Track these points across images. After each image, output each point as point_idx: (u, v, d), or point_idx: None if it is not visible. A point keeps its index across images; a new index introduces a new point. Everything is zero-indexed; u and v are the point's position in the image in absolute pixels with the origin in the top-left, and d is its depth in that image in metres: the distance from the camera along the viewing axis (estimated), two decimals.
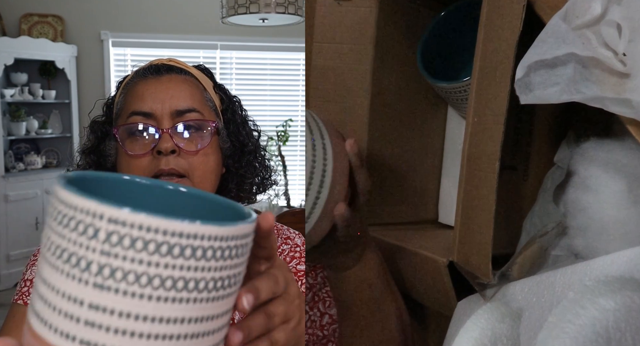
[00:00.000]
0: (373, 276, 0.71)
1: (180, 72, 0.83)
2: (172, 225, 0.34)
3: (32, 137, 4.06)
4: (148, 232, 0.34)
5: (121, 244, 0.34)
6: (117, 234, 0.34)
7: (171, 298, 0.35)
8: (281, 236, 0.85)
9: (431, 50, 0.84)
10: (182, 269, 0.35)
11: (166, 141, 0.75)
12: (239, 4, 2.59)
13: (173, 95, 0.78)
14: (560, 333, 0.51)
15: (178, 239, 0.34)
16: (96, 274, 0.34)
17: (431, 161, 0.91)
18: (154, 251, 0.34)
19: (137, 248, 0.34)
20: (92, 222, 0.34)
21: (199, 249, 0.35)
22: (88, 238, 0.34)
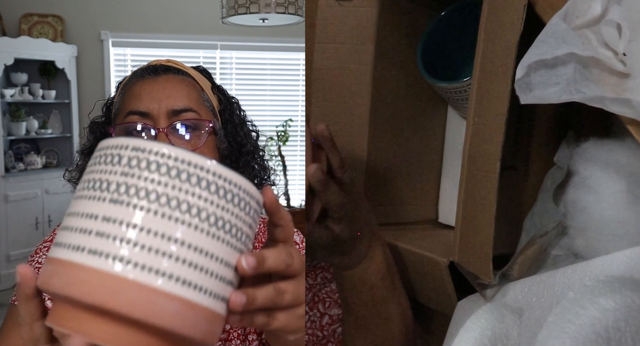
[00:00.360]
0: (375, 278, 0.70)
1: (177, 72, 0.83)
2: (184, 154, 0.39)
3: (32, 137, 4.06)
4: (162, 157, 0.39)
5: (138, 166, 0.39)
6: (136, 159, 0.39)
7: (175, 217, 0.38)
8: None
9: (431, 50, 0.84)
10: (187, 194, 0.38)
11: (162, 140, 0.76)
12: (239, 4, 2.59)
13: (170, 95, 0.78)
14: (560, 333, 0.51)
15: (187, 166, 0.39)
16: (113, 191, 0.38)
17: (431, 161, 0.91)
18: (165, 172, 0.38)
19: (151, 169, 0.38)
20: (118, 152, 0.39)
21: (203, 180, 0.39)
22: (112, 165, 0.39)
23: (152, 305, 0.36)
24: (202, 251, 0.38)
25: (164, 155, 0.39)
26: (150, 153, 0.39)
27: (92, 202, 0.39)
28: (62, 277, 0.37)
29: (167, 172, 0.38)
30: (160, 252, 0.37)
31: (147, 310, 0.36)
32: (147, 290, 0.36)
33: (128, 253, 0.37)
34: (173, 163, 0.39)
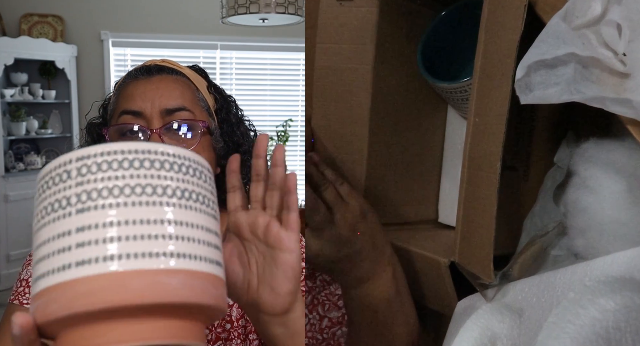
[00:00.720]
0: (379, 301, 0.69)
1: (171, 72, 0.82)
2: (127, 146, 0.40)
3: (32, 137, 4.06)
4: (108, 155, 0.39)
5: (90, 171, 0.39)
6: (85, 166, 0.39)
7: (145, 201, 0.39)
8: None
9: (431, 50, 0.84)
10: (146, 178, 0.40)
11: (155, 141, 0.75)
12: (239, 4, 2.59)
13: (163, 94, 0.78)
14: (560, 333, 0.51)
15: (134, 155, 0.40)
16: (75, 203, 0.38)
17: (431, 161, 0.91)
18: (118, 167, 0.39)
19: (103, 169, 0.39)
20: (64, 169, 0.39)
21: (156, 162, 0.40)
22: (63, 182, 0.39)
23: (158, 285, 0.37)
24: (182, 224, 0.40)
25: (109, 153, 0.39)
26: (95, 156, 0.39)
27: (57, 223, 0.38)
28: (61, 299, 0.37)
29: (120, 166, 0.39)
30: (145, 236, 0.38)
31: (155, 292, 0.37)
32: (147, 274, 0.37)
33: (116, 248, 0.37)
34: (120, 156, 0.39)
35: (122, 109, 0.78)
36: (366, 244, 0.67)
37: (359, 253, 0.67)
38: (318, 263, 0.66)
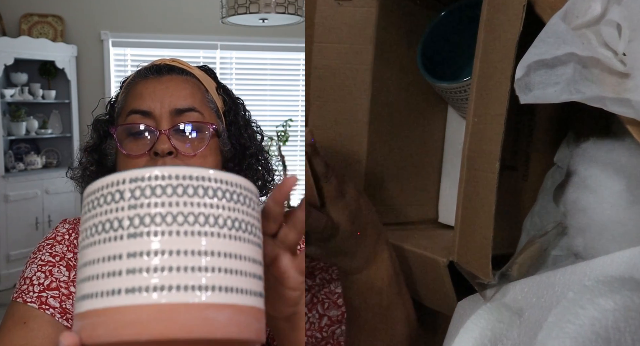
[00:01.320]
0: (382, 283, 0.69)
1: (181, 72, 0.82)
2: (181, 171, 0.40)
3: (32, 137, 4.06)
4: (163, 180, 0.39)
5: (143, 194, 0.39)
6: (139, 189, 0.39)
7: (194, 231, 0.38)
8: None
9: (431, 51, 0.84)
10: (198, 206, 0.39)
11: (163, 142, 0.75)
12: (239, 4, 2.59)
13: (173, 94, 0.77)
14: (560, 333, 0.51)
15: (189, 181, 0.39)
16: (128, 226, 0.38)
17: (431, 161, 0.91)
18: (172, 193, 0.39)
19: (157, 194, 0.39)
20: (117, 189, 0.39)
21: (209, 189, 0.40)
22: (116, 202, 0.39)
23: (206, 321, 0.37)
24: (230, 256, 0.39)
25: (164, 177, 0.39)
26: (150, 180, 0.39)
27: (109, 244, 0.38)
28: (109, 325, 0.37)
29: (174, 192, 0.39)
30: (194, 268, 0.37)
31: (203, 327, 0.37)
32: (195, 307, 0.37)
33: (166, 279, 0.37)
34: (175, 182, 0.39)
35: (131, 109, 0.78)
36: (369, 221, 0.68)
37: (364, 231, 0.67)
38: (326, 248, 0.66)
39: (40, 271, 0.79)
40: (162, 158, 0.74)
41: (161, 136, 0.75)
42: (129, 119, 0.77)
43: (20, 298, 0.77)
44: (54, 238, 0.83)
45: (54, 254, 0.80)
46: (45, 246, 0.82)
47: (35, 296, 0.76)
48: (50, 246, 0.81)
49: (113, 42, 4.29)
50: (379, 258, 0.69)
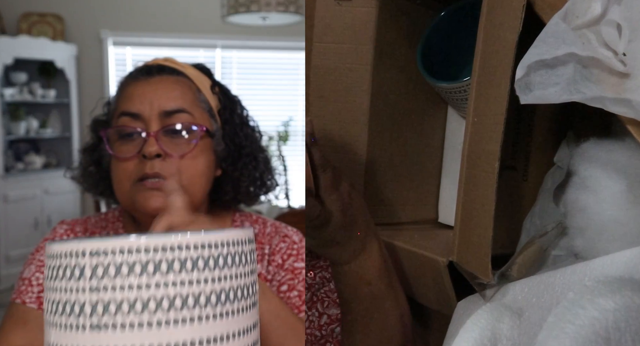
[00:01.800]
0: (371, 274, 0.70)
1: (172, 72, 0.81)
2: (152, 241, 0.32)
3: (32, 137, 4.06)
4: (130, 254, 0.32)
5: (107, 274, 0.32)
6: (101, 266, 0.32)
7: (173, 320, 0.32)
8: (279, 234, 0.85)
9: (431, 50, 0.84)
10: (176, 286, 0.32)
11: (151, 145, 0.75)
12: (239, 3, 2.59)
13: (162, 95, 0.77)
14: (560, 333, 0.51)
15: (162, 254, 0.32)
16: (90, 314, 0.32)
17: (431, 161, 0.91)
18: (141, 271, 0.32)
19: (123, 273, 0.32)
20: (76, 262, 0.33)
21: (187, 261, 0.33)
22: (76, 279, 0.33)
23: None
24: (217, 340, 0.34)
25: (131, 251, 0.32)
26: (114, 254, 0.32)
27: (70, 334, 0.33)
28: None
29: (143, 269, 0.32)
30: None
31: None
32: None
33: None
34: (145, 257, 0.32)
35: (122, 110, 0.78)
36: (360, 214, 0.68)
37: (355, 222, 0.67)
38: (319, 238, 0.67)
39: (39, 271, 0.79)
40: (151, 161, 0.74)
41: (149, 139, 0.75)
42: (120, 121, 0.77)
43: (19, 298, 0.77)
44: (52, 238, 0.83)
45: None
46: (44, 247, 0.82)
47: (35, 297, 0.76)
48: None
49: (113, 42, 4.29)
50: (367, 250, 0.69)
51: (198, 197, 0.80)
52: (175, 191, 0.67)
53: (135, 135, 0.77)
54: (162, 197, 0.74)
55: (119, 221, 0.87)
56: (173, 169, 0.75)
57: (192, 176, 0.77)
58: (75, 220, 0.87)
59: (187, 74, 0.83)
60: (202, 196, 0.81)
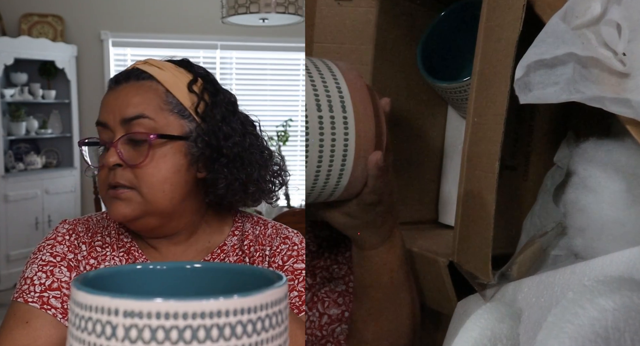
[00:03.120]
0: (396, 261, 0.72)
1: (139, 78, 0.80)
2: (190, 306, 0.31)
3: (32, 137, 4.06)
4: (167, 319, 0.31)
5: (141, 338, 0.31)
6: (135, 328, 0.31)
7: None
8: (279, 235, 0.84)
9: (431, 50, 0.84)
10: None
11: (111, 155, 0.76)
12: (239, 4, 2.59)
13: (122, 103, 0.78)
14: (560, 333, 0.51)
15: (201, 320, 0.31)
16: None
17: (431, 161, 0.91)
18: (178, 339, 0.31)
19: (159, 339, 0.31)
20: (108, 319, 0.32)
21: (226, 327, 0.32)
22: (107, 338, 0.32)
23: None
24: None
25: (168, 315, 0.31)
26: (150, 318, 0.31)
27: None
28: None
29: (180, 337, 0.31)
30: None
31: None
32: None
33: None
34: (183, 322, 0.31)
35: (96, 120, 0.81)
36: (394, 202, 0.71)
37: (395, 207, 0.70)
38: (361, 217, 0.69)
39: (41, 271, 0.79)
40: (113, 170, 0.77)
41: (110, 149, 0.77)
42: (97, 129, 0.81)
43: (21, 298, 0.77)
44: (54, 238, 0.83)
45: (54, 254, 0.80)
46: (46, 246, 0.82)
47: (37, 296, 0.76)
48: (51, 247, 0.81)
49: (113, 42, 4.29)
50: (393, 237, 0.72)
51: (165, 204, 0.78)
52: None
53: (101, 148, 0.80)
54: (124, 205, 0.76)
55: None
56: (133, 178, 0.77)
57: (152, 184, 0.76)
58: (77, 219, 0.87)
59: (156, 77, 0.80)
60: (172, 202, 0.78)
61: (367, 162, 0.63)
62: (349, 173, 0.63)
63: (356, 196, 0.67)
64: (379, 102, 0.66)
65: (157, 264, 0.44)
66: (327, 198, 0.66)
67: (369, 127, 0.63)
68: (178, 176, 0.79)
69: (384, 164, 0.64)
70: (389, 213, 0.70)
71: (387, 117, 0.66)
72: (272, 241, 0.84)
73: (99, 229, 0.85)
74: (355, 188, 0.65)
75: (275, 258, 0.83)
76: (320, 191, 0.64)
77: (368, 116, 0.63)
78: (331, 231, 0.79)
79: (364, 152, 0.63)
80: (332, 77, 0.63)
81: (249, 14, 2.61)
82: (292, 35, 4.08)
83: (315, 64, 0.64)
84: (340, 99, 0.62)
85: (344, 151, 0.62)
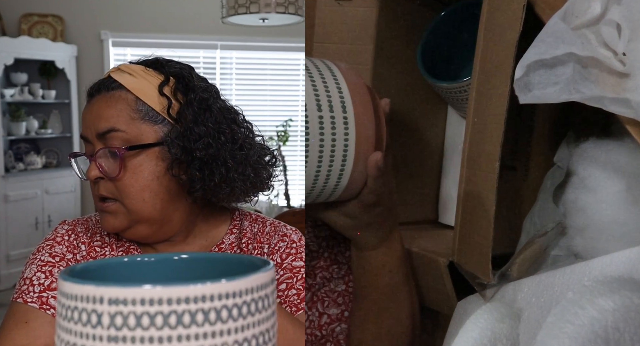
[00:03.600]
0: (394, 262, 0.72)
1: (109, 88, 0.80)
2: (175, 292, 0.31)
3: (32, 137, 4.06)
4: (152, 305, 0.31)
5: (127, 325, 0.31)
6: (120, 315, 0.31)
7: None
8: (278, 233, 0.84)
9: (431, 50, 0.84)
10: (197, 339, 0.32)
11: (92, 169, 0.78)
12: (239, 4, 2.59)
13: (95, 117, 0.79)
14: (559, 333, 0.51)
15: (185, 305, 0.31)
16: None
17: (431, 161, 0.91)
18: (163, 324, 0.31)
19: (144, 326, 0.31)
20: (93, 308, 0.32)
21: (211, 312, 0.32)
22: (93, 327, 0.32)
23: None
24: None
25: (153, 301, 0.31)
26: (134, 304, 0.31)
27: None
28: None
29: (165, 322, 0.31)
30: None
31: None
32: None
33: None
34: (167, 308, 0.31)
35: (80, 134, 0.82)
36: (394, 203, 0.71)
37: (392, 209, 0.70)
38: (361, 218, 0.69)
39: (41, 271, 0.79)
40: (96, 184, 0.78)
41: (91, 163, 0.79)
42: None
43: (20, 298, 0.77)
44: (54, 238, 0.83)
45: (53, 254, 0.81)
46: (45, 247, 0.82)
47: (36, 297, 0.76)
48: (50, 247, 0.82)
49: (113, 42, 4.29)
50: (392, 238, 0.72)
51: (149, 211, 0.77)
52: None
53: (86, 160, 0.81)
54: (111, 217, 0.78)
55: None
56: (114, 189, 0.78)
57: (131, 194, 0.77)
58: (76, 220, 0.87)
59: (125, 86, 0.79)
60: (155, 209, 0.78)
61: (367, 163, 0.63)
62: (348, 173, 0.63)
63: (355, 197, 0.67)
64: (379, 103, 0.66)
65: (145, 257, 0.44)
66: (326, 198, 0.66)
67: (369, 128, 0.63)
68: (157, 182, 0.78)
69: (383, 165, 0.64)
70: (389, 214, 0.70)
71: (387, 118, 0.66)
72: (271, 239, 0.84)
73: (98, 229, 0.85)
74: (355, 189, 0.65)
75: (274, 255, 0.83)
76: (320, 191, 0.64)
77: (368, 117, 0.63)
78: (331, 231, 0.79)
79: (364, 153, 0.63)
80: (332, 78, 0.63)
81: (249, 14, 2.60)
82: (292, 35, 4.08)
83: (315, 64, 0.64)
84: (340, 99, 0.62)
85: (344, 152, 0.62)
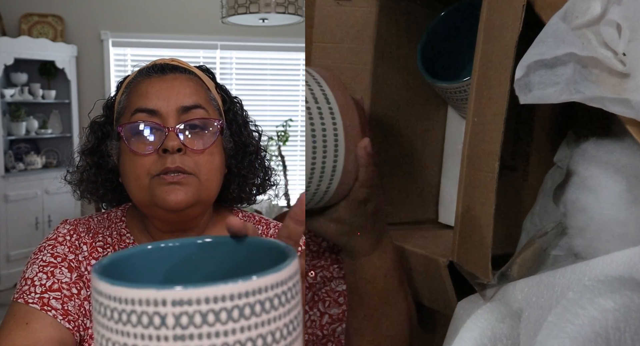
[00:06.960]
0: (387, 267, 0.72)
1: (184, 71, 0.83)
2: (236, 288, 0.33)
3: (32, 137, 4.06)
4: (215, 303, 0.33)
5: (193, 323, 0.33)
6: (186, 316, 0.33)
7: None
8: None
9: (431, 50, 0.84)
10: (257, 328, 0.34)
11: (172, 139, 0.76)
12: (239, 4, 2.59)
13: (179, 92, 0.79)
14: (560, 333, 0.52)
15: (245, 299, 0.34)
16: None
17: (431, 161, 0.91)
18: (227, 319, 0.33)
19: (210, 322, 0.33)
20: (155, 310, 0.33)
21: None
22: (156, 327, 0.33)
23: None
24: None
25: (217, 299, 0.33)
26: (199, 304, 0.33)
27: None
28: None
29: (229, 317, 0.33)
30: None
31: None
32: None
33: None
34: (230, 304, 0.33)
35: (137, 107, 0.78)
36: (383, 207, 0.70)
37: (381, 212, 0.70)
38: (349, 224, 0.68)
39: (42, 271, 0.79)
40: (172, 155, 0.75)
41: (170, 133, 0.76)
42: (135, 117, 0.78)
43: (21, 298, 0.77)
44: (55, 238, 0.82)
45: (55, 255, 0.80)
46: (47, 247, 0.82)
47: (37, 297, 0.76)
48: (52, 247, 0.81)
49: (113, 42, 4.29)
50: (384, 243, 0.71)
51: (214, 193, 0.81)
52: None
53: (152, 131, 0.77)
54: (183, 191, 0.75)
55: (122, 221, 0.87)
56: (193, 164, 0.77)
57: (211, 170, 0.78)
58: (78, 220, 0.87)
59: (196, 73, 0.84)
60: (216, 193, 0.82)
61: (356, 151, 0.64)
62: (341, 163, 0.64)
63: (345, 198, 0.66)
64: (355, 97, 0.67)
65: (169, 242, 0.45)
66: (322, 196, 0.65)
67: (354, 117, 0.64)
68: (223, 168, 0.83)
69: (372, 151, 0.64)
70: (378, 214, 0.69)
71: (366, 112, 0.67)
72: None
73: (101, 229, 0.85)
74: (347, 183, 0.65)
75: None
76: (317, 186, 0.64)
77: (350, 107, 0.65)
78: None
79: (353, 141, 0.64)
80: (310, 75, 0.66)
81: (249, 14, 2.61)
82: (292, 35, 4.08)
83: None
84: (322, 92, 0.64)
85: (335, 142, 0.63)
